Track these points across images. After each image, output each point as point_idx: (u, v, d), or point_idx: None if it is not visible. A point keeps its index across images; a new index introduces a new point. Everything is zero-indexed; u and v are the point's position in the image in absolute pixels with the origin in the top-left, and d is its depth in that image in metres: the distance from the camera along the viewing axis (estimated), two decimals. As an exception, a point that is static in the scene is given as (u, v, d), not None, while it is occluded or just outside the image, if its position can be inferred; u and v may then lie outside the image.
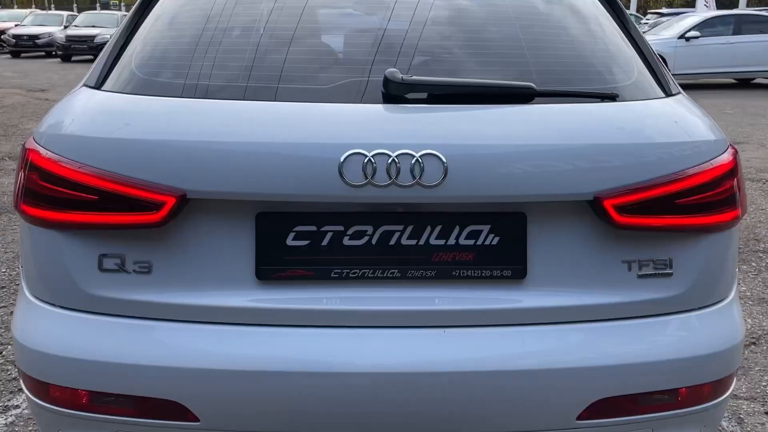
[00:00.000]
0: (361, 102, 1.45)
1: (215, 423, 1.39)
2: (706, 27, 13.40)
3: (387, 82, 1.41)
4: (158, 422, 1.41)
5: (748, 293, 3.64)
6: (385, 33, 1.62)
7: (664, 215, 1.44)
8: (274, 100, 1.46)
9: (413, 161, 1.33)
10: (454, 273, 1.42)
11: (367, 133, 1.36)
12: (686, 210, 1.46)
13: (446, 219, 1.40)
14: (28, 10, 27.90)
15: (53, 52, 21.14)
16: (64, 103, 1.63)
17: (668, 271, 1.47)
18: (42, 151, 1.47)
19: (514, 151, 1.39)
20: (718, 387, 1.52)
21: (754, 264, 4.06)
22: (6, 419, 2.43)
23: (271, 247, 1.40)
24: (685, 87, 11.40)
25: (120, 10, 55.40)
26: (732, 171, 1.53)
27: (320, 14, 1.74)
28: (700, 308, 1.51)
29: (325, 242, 1.40)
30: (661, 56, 10.01)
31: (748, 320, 3.31)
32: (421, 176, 1.33)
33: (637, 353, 1.43)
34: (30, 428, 2.37)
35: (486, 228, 1.41)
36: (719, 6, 37.38)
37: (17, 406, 2.51)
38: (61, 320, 1.45)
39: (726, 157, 1.53)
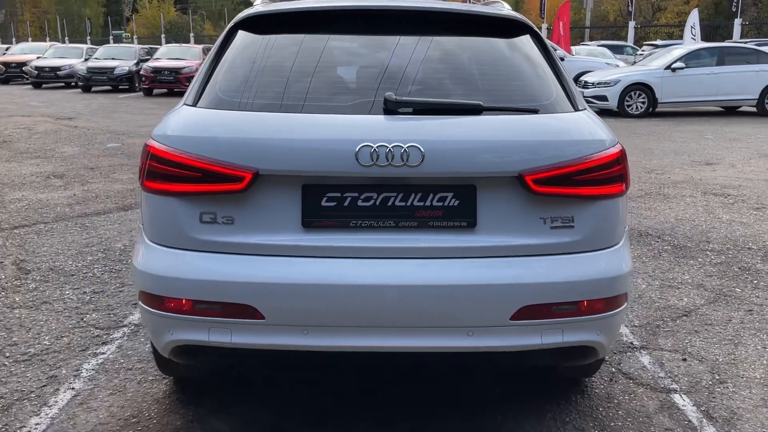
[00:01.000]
0: (369, 114, 2.22)
1: (275, 319, 2.13)
2: (691, 58, 14.23)
3: (385, 101, 2.19)
4: (237, 320, 2.15)
5: (690, 280, 4.37)
6: (386, 68, 2.39)
7: (567, 187, 2.19)
8: (314, 113, 2.23)
9: (402, 150, 2.09)
10: (429, 224, 2.17)
11: (373, 133, 2.13)
12: (583, 183, 2.21)
13: (424, 188, 2.16)
14: (48, 43, 29.00)
15: (73, 83, 22.12)
16: (171, 115, 2.39)
17: (571, 224, 2.22)
18: (158, 145, 2.24)
19: (468, 145, 2.16)
20: (608, 303, 2.26)
21: (700, 259, 4.79)
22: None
23: (311, 207, 2.16)
24: (672, 114, 12.35)
25: (132, 42, 57.08)
26: (617, 159, 2.29)
27: (343, 55, 2.52)
28: (594, 250, 2.25)
29: (346, 203, 2.16)
30: (648, 86, 10.88)
31: (684, 299, 4.04)
32: (407, 160, 2.09)
33: (549, 276, 2.17)
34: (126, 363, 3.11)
35: (450, 194, 2.17)
36: (711, 37, 38.36)
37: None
38: (173, 255, 2.20)
39: (613, 150, 2.29)
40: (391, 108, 2.20)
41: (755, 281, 4.34)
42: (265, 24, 2.58)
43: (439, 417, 2.71)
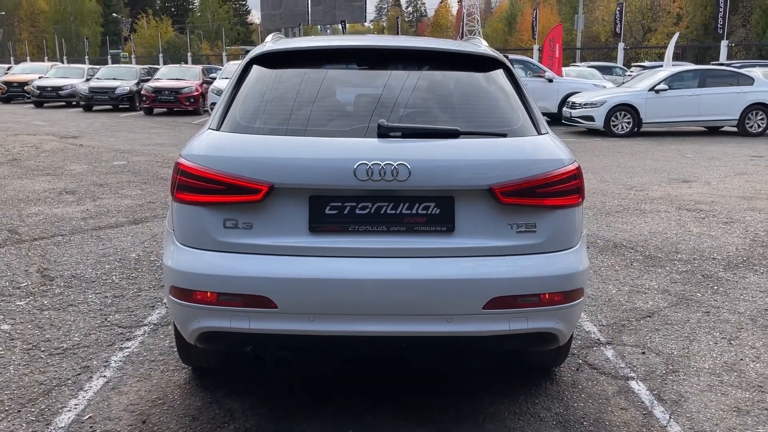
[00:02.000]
0: (365, 137, 2.66)
1: (286, 308, 2.55)
2: (674, 80, 14.80)
3: (379, 126, 2.63)
4: (254, 309, 2.57)
5: (656, 286, 4.81)
6: (379, 98, 2.84)
7: (530, 198, 2.63)
8: (319, 136, 2.67)
9: (392, 168, 2.53)
10: (415, 228, 2.60)
11: (368, 153, 2.56)
12: (544, 195, 2.65)
13: (411, 199, 2.59)
14: (49, 64, 29.50)
15: (74, 102, 22.58)
16: (197, 137, 2.82)
17: (534, 229, 2.65)
18: (187, 162, 2.67)
19: (447, 163, 2.59)
20: (566, 295, 2.68)
21: (668, 268, 5.23)
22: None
23: (317, 214, 2.59)
24: (656, 134, 12.89)
25: (130, 62, 57.71)
26: (574, 175, 2.73)
27: (343, 86, 2.97)
28: (554, 251, 2.69)
29: (346, 212, 2.59)
30: (633, 106, 11.45)
31: (650, 302, 4.47)
32: (397, 175, 2.53)
33: (515, 272, 2.60)
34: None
35: (432, 204, 2.60)
36: (701, 59, 39.09)
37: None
38: (201, 255, 2.62)
39: (571, 167, 2.73)
40: (383, 132, 2.64)
41: (715, 287, 4.78)
42: (275, 60, 3.02)
43: (425, 398, 3.13)
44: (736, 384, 3.33)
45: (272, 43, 3.35)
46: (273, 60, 3.02)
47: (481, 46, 3.42)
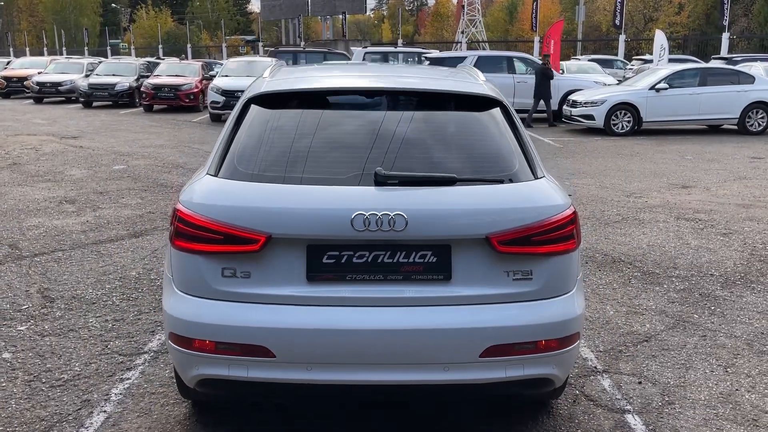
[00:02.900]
0: (362, 185, 2.67)
1: (284, 357, 2.58)
2: (674, 79, 14.76)
3: (376, 174, 2.64)
4: (252, 358, 2.59)
5: (654, 306, 4.83)
6: (376, 143, 2.83)
7: (527, 246, 2.65)
8: (316, 184, 2.68)
9: (389, 218, 2.54)
10: (412, 277, 2.62)
11: (365, 203, 2.57)
12: (540, 243, 2.67)
13: (407, 248, 2.61)
14: (48, 58, 29.43)
15: (74, 98, 22.55)
16: (196, 183, 2.83)
17: (530, 277, 2.67)
18: (185, 210, 2.69)
19: (443, 212, 2.61)
20: (562, 341, 2.71)
21: (665, 286, 5.26)
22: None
23: (314, 263, 2.60)
24: (656, 133, 12.90)
25: (129, 52, 57.54)
26: (571, 220, 2.75)
27: (340, 130, 2.96)
28: (550, 297, 2.71)
29: (343, 261, 2.60)
30: (633, 105, 11.48)
31: (647, 325, 4.50)
32: (394, 226, 2.54)
33: (512, 320, 2.62)
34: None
35: (429, 252, 2.62)
36: (701, 51, 38.89)
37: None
38: (200, 303, 2.64)
39: (566, 213, 2.75)
40: (380, 180, 2.65)
41: (712, 307, 4.81)
42: (273, 101, 3.03)
43: (423, 435, 3.16)
44: (731, 417, 3.36)
45: (270, 77, 3.36)
46: (270, 101, 3.03)
47: (477, 79, 3.42)
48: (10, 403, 3.42)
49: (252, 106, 3.03)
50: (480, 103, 3.07)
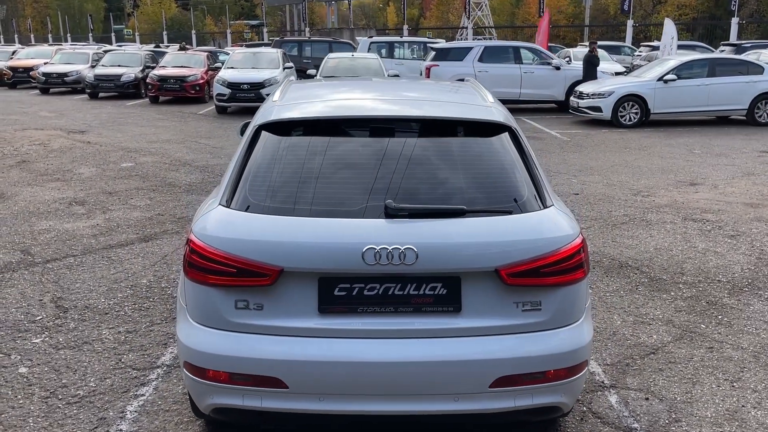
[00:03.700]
0: (373, 218, 2.70)
1: (296, 389, 2.63)
2: (683, 70, 14.66)
3: (386, 207, 2.67)
4: (265, 389, 2.65)
5: (661, 316, 4.86)
6: (387, 172, 2.86)
7: (535, 278, 2.68)
8: (328, 216, 2.71)
9: (400, 252, 2.57)
10: (422, 309, 2.66)
11: (376, 237, 2.61)
12: (549, 275, 2.70)
13: (418, 280, 2.65)
14: (54, 48, 29.42)
15: (79, 88, 22.56)
16: (210, 213, 2.85)
17: (539, 308, 2.71)
18: (199, 242, 2.73)
19: (453, 246, 2.64)
20: (570, 370, 2.75)
21: (672, 293, 5.28)
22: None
23: (326, 296, 2.64)
24: (664, 124, 12.82)
25: (133, 38, 57.40)
26: (579, 250, 2.77)
27: (351, 161, 2.98)
28: (558, 327, 2.74)
29: (354, 293, 2.65)
30: (641, 97, 11.41)
31: (654, 336, 4.53)
32: (404, 259, 2.58)
33: (521, 351, 2.66)
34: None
35: (439, 285, 2.66)
36: (709, 36, 38.48)
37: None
38: (214, 334, 2.69)
39: (576, 242, 2.77)
40: (391, 213, 2.68)
41: (720, 316, 4.83)
42: (283, 128, 3.05)
43: (433, 456, 3.21)
44: (737, 436, 3.40)
45: (280, 100, 3.37)
46: (280, 128, 3.05)
47: (486, 100, 3.43)
48: (28, 421, 3.49)
49: (263, 132, 3.05)
50: (489, 128, 3.08)
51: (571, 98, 15.74)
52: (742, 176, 9.58)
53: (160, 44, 33.15)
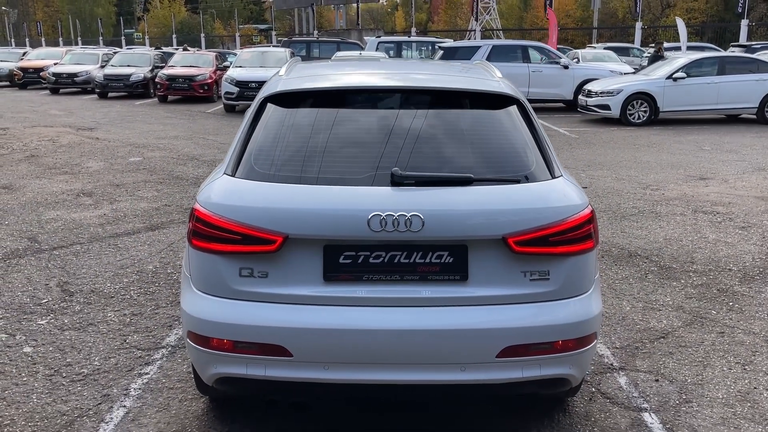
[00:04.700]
0: (379, 185, 2.66)
1: (301, 357, 2.59)
2: (692, 68, 14.57)
3: (392, 175, 2.64)
4: (270, 357, 2.61)
5: (671, 302, 4.80)
6: (392, 142, 2.83)
7: (544, 247, 2.64)
8: (333, 184, 2.67)
9: (406, 219, 2.54)
10: (428, 277, 2.62)
11: (382, 203, 2.57)
12: (557, 243, 2.65)
13: (424, 248, 2.61)
14: (64, 49, 29.61)
15: (89, 88, 22.67)
16: (214, 182, 2.83)
17: (547, 277, 2.66)
18: (203, 210, 2.70)
19: (460, 213, 2.60)
20: (579, 342, 2.70)
21: (683, 281, 5.22)
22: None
23: (331, 264, 2.61)
24: (673, 123, 12.72)
25: (144, 42, 57.74)
26: (588, 220, 2.73)
27: (357, 129, 2.95)
28: (567, 298, 2.69)
29: (360, 261, 2.61)
30: (650, 95, 11.29)
31: (664, 321, 4.47)
32: (410, 226, 2.54)
33: (528, 321, 2.62)
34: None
35: (446, 253, 2.62)
36: (719, 38, 38.24)
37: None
38: (218, 302, 2.66)
39: (584, 213, 2.73)
40: (397, 181, 2.64)
41: (731, 303, 4.77)
42: (289, 99, 3.02)
43: (439, 433, 3.17)
44: (749, 416, 3.34)
45: (286, 75, 3.35)
46: (286, 100, 3.02)
47: (494, 75, 3.40)
48: (31, 397, 3.47)
49: (268, 104, 3.03)
50: (497, 100, 3.05)
51: (580, 96, 15.68)
52: (753, 171, 9.48)
53: (159, 47, 33.24)
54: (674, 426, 3.25)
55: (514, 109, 3.03)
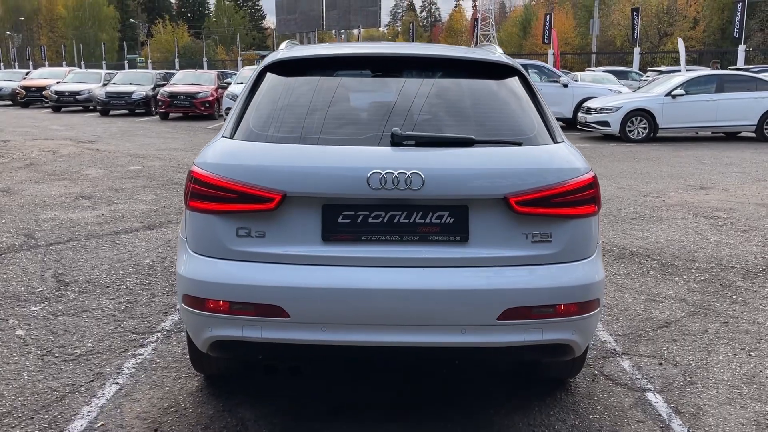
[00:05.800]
0: (379, 145, 2.64)
1: (298, 318, 2.53)
2: (691, 85, 14.64)
3: (392, 135, 2.61)
4: (266, 318, 2.55)
5: (673, 295, 4.74)
6: (393, 105, 2.82)
7: (546, 208, 2.60)
8: (333, 144, 2.65)
9: (406, 177, 2.50)
10: (429, 238, 2.58)
11: (382, 161, 2.54)
12: (560, 205, 2.62)
13: (424, 208, 2.57)
14: (67, 69, 29.85)
15: (91, 107, 22.79)
16: (211, 145, 2.81)
17: (549, 239, 2.62)
18: (200, 171, 2.67)
19: (461, 172, 2.57)
20: (582, 306, 2.64)
21: (685, 277, 5.16)
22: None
23: (330, 223, 2.57)
24: (672, 140, 12.72)
25: (147, 66, 58.25)
26: (590, 184, 2.69)
27: (356, 94, 2.94)
28: (569, 261, 2.64)
29: (359, 220, 2.57)
30: (649, 112, 11.28)
31: (666, 312, 4.41)
32: (410, 184, 2.50)
33: (530, 283, 2.57)
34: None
35: (446, 213, 2.58)
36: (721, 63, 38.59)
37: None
38: (214, 263, 2.61)
39: (586, 176, 2.70)
40: (397, 141, 2.61)
41: (734, 296, 4.71)
42: (289, 67, 3.01)
43: (438, 410, 3.10)
44: (756, 397, 3.27)
45: (286, 50, 3.35)
46: (287, 67, 3.01)
47: (496, 52, 3.39)
48: (22, 375, 3.40)
49: (268, 74, 3.01)
50: (497, 70, 3.04)
51: (579, 113, 15.75)
52: (753, 182, 9.47)
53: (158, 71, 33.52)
54: (679, 405, 3.18)
55: (515, 79, 3.02)
